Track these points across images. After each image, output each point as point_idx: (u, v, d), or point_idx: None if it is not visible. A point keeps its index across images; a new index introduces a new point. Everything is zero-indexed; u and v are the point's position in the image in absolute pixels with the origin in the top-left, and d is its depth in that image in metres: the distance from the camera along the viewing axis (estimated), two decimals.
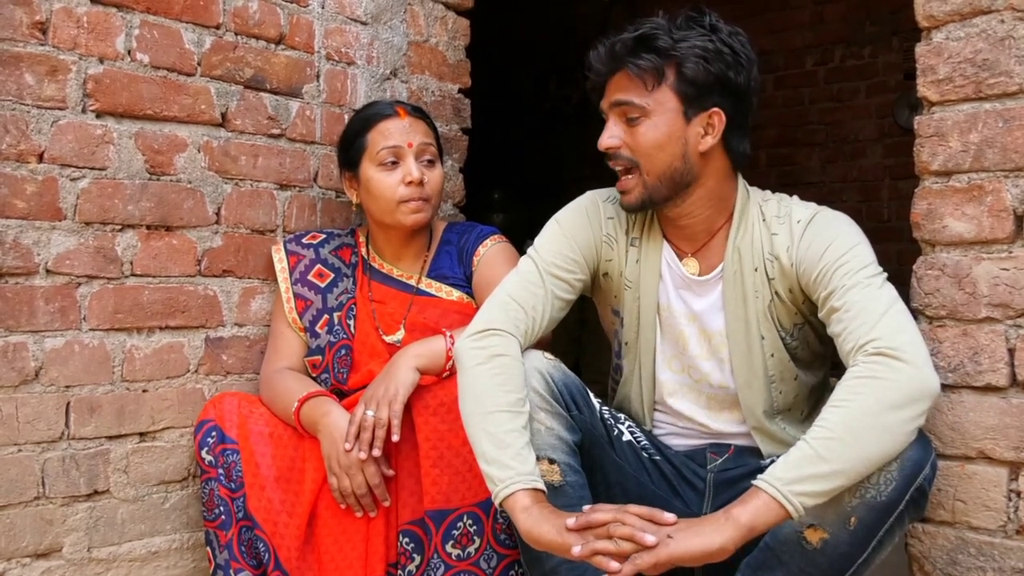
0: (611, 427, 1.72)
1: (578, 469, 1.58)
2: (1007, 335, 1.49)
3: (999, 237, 1.50)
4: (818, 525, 1.42)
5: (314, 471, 1.82)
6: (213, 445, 1.80)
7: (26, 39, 1.67)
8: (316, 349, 1.98)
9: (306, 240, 2.05)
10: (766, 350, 1.66)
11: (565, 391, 1.61)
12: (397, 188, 1.93)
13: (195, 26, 1.90)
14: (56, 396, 1.72)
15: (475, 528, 1.73)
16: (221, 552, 1.79)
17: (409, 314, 1.98)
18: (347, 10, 2.17)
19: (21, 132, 1.67)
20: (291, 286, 1.99)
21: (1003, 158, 1.49)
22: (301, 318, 1.98)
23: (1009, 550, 1.48)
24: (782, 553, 1.45)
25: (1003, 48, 1.49)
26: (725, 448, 1.76)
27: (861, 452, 1.36)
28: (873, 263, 1.54)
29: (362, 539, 1.79)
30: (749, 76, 1.61)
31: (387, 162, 1.94)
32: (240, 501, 1.79)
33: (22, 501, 1.67)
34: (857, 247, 1.56)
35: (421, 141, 1.96)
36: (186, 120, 1.89)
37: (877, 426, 1.36)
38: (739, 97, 1.61)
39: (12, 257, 1.66)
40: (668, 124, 1.60)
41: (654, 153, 1.61)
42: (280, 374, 1.94)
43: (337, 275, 2.03)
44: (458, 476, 1.74)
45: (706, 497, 1.71)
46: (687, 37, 1.58)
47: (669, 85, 1.59)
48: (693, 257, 1.71)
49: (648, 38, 1.59)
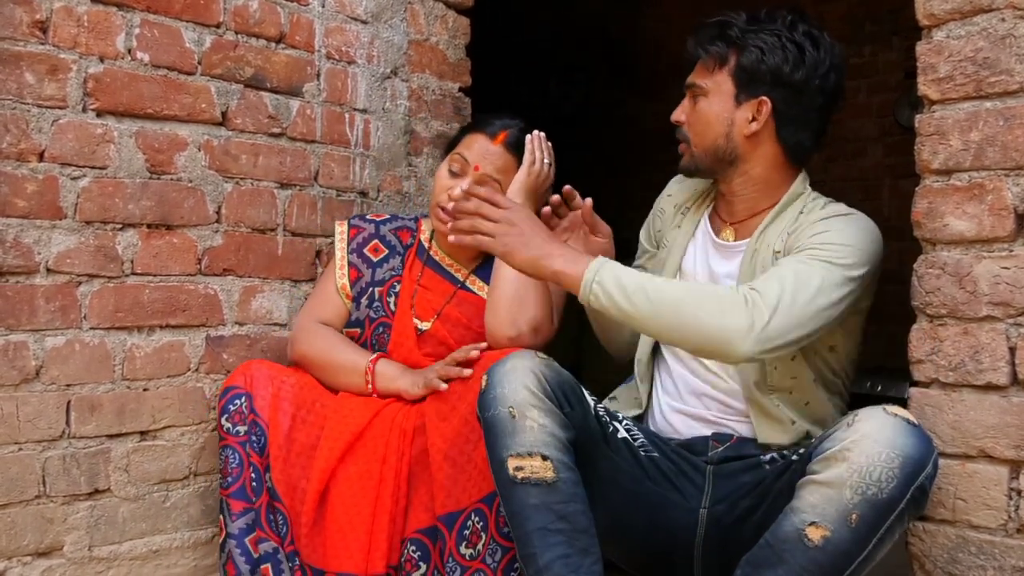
0: (606, 424, 1.72)
1: (571, 466, 1.59)
2: (1008, 334, 1.49)
3: (1000, 236, 1.50)
4: (820, 523, 1.42)
5: (328, 450, 1.82)
6: (236, 412, 1.82)
7: (26, 38, 1.67)
8: (355, 321, 2.03)
9: (370, 217, 2.13)
10: None
11: (558, 389, 1.62)
12: (443, 192, 1.98)
13: (195, 25, 1.90)
14: (57, 395, 1.72)
15: (482, 524, 1.74)
16: (233, 521, 1.79)
17: (447, 305, 2.02)
18: (347, 9, 2.17)
19: (21, 131, 1.67)
20: (347, 255, 2.05)
21: (1004, 156, 1.49)
22: (352, 287, 2.03)
23: (1010, 548, 1.47)
24: (783, 551, 1.45)
25: (1004, 46, 1.49)
26: (728, 437, 1.76)
27: (659, 319, 1.57)
28: (842, 262, 1.61)
29: (366, 531, 1.79)
30: (810, 74, 1.72)
31: (453, 168, 2.00)
32: (268, 471, 1.81)
33: (23, 500, 1.67)
34: (846, 246, 1.63)
35: (490, 173, 1.97)
36: (186, 119, 1.89)
37: (687, 316, 1.55)
38: (795, 91, 1.73)
39: (13, 256, 1.66)
40: (720, 104, 1.76)
41: (703, 129, 1.78)
42: (328, 330, 2.00)
43: (391, 252, 2.08)
44: (463, 474, 1.75)
45: (705, 491, 1.72)
46: (757, 29, 1.74)
47: (728, 69, 1.76)
48: (731, 227, 1.84)
49: (722, 26, 1.77)
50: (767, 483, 1.64)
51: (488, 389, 1.61)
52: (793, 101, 1.73)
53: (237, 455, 1.81)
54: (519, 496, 1.57)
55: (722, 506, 1.69)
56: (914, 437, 1.43)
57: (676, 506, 1.71)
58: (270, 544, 1.80)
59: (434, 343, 2.00)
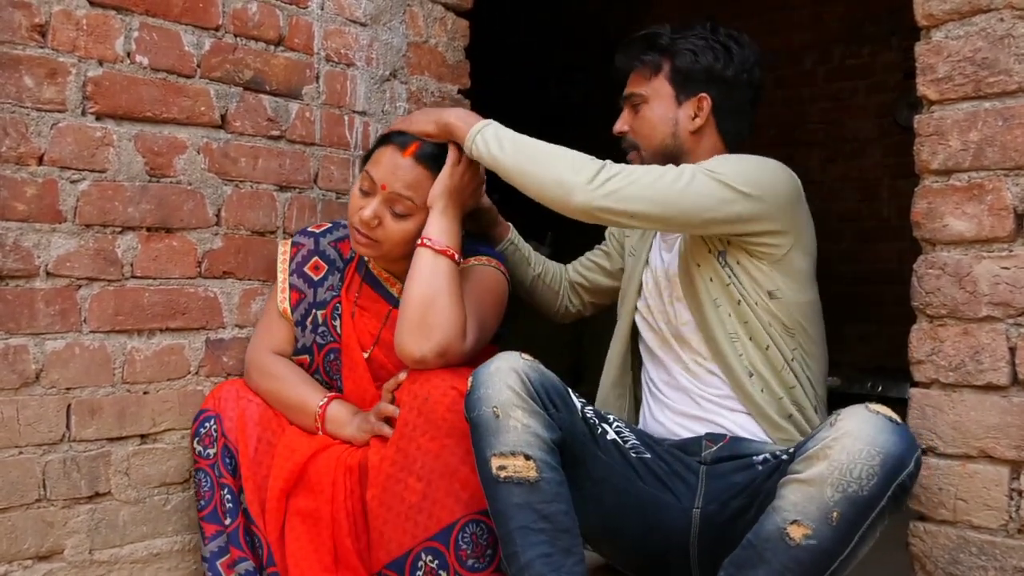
0: (594, 426, 1.73)
1: (555, 466, 1.60)
2: (1008, 334, 1.49)
3: (999, 236, 1.50)
4: (801, 521, 1.42)
5: (275, 486, 1.79)
6: (205, 435, 1.81)
7: (25, 41, 1.67)
8: (303, 348, 1.95)
9: (311, 229, 2.02)
10: (704, 275, 1.81)
11: (542, 390, 1.62)
12: (356, 213, 1.83)
13: (194, 28, 1.90)
14: (57, 398, 1.72)
15: (437, 563, 1.68)
16: (206, 544, 1.79)
17: (383, 329, 1.92)
18: (346, 11, 2.17)
19: (21, 135, 1.67)
20: (288, 277, 1.97)
21: (1003, 156, 1.49)
22: (293, 311, 1.95)
23: (1011, 549, 1.47)
24: (765, 551, 1.46)
25: (1002, 46, 1.49)
26: (721, 437, 1.77)
27: (519, 166, 1.74)
28: (723, 177, 1.71)
29: (328, 551, 1.75)
30: (740, 69, 1.88)
31: (363, 187, 1.85)
32: (242, 493, 1.80)
33: (23, 503, 1.67)
34: (734, 170, 1.73)
35: (398, 191, 1.81)
36: (186, 122, 1.89)
37: (541, 163, 1.73)
38: (728, 86, 1.89)
39: (12, 259, 1.66)
40: (662, 107, 1.91)
41: (650, 132, 1.92)
42: (278, 362, 1.93)
43: (330, 268, 1.98)
44: (403, 515, 1.69)
45: (698, 491, 1.72)
46: (684, 36, 1.90)
47: (664, 74, 1.91)
48: None
49: (652, 37, 1.93)
50: (758, 483, 1.64)
51: (473, 390, 1.62)
52: (728, 95, 1.89)
53: (208, 478, 1.81)
54: (502, 495, 1.58)
55: (714, 506, 1.70)
56: (896, 435, 1.43)
57: (669, 507, 1.72)
58: (249, 564, 1.78)
59: (376, 368, 1.91)
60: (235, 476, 1.81)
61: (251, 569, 1.78)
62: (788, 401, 1.76)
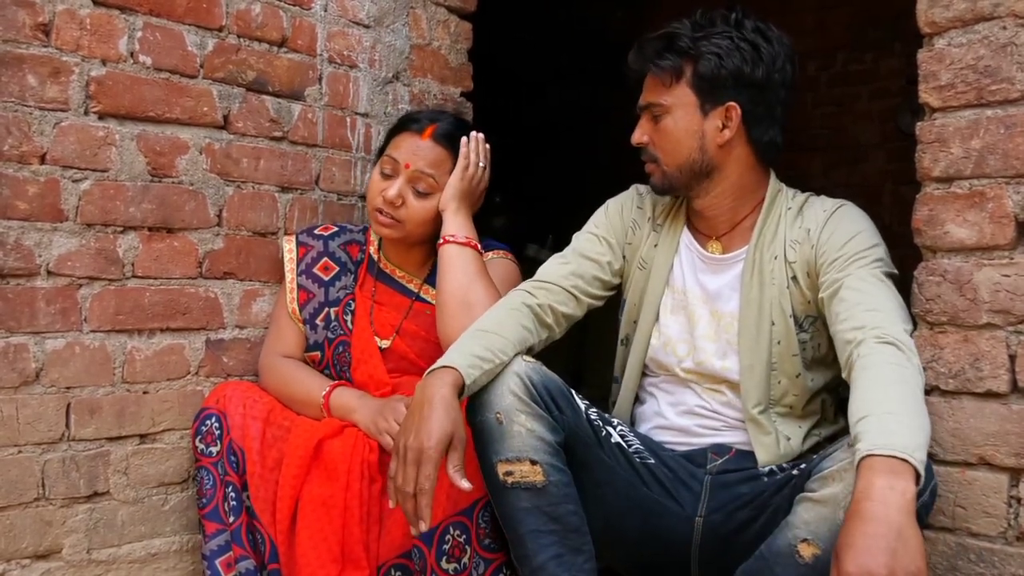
0: (599, 428, 1.71)
1: (562, 468, 1.59)
2: (1008, 341, 1.49)
3: (1000, 243, 1.50)
4: (811, 540, 1.41)
5: (289, 471, 1.80)
6: (207, 433, 1.81)
7: (29, 40, 1.67)
8: (315, 344, 1.99)
9: (317, 231, 2.06)
10: (774, 336, 1.70)
11: (545, 393, 1.61)
12: (378, 196, 1.93)
13: (198, 28, 1.90)
14: (57, 397, 1.72)
15: (464, 537, 1.71)
16: (207, 542, 1.79)
17: (405, 320, 1.99)
18: (349, 13, 2.17)
19: (23, 133, 1.67)
20: (296, 277, 2.00)
21: (1005, 164, 1.49)
22: (301, 311, 1.99)
23: (1009, 556, 1.47)
24: (776, 565, 1.45)
25: (1005, 54, 1.49)
26: (727, 449, 1.76)
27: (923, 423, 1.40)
28: (886, 260, 1.65)
29: (334, 561, 1.76)
30: (770, 69, 1.69)
31: (384, 170, 1.95)
32: (246, 490, 1.80)
33: (22, 502, 1.67)
34: (878, 247, 1.66)
35: (421, 169, 1.92)
36: (188, 122, 1.89)
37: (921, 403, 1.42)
38: (759, 90, 1.70)
39: (14, 258, 1.66)
40: (686, 119, 1.71)
41: (674, 148, 1.73)
42: (286, 363, 1.96)
43: (342, 269, 2.04)
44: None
45: (702, 499, 1.71)
46: (707, 35, 1.69)
47: (686, 81, 1.71)
48: (717, 240, 1.81)
49: (670, 38, 1.72)
50: (765, 496, 1.63)
51: (475, 395, 1.60)
52: (759, 100, 1.71)
53: (211, 476, 1.81)
54: (510, 500, 1.57)
55: (718, 516, 1.68)
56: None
57: (672, 513, 1.71)
58: (250, 563, 1.78)
59: (396, 359, 1.97)
60: (240, 474, 1.81)
61: (251, 568, 1.78)
62: (804, 442, 1.72)
